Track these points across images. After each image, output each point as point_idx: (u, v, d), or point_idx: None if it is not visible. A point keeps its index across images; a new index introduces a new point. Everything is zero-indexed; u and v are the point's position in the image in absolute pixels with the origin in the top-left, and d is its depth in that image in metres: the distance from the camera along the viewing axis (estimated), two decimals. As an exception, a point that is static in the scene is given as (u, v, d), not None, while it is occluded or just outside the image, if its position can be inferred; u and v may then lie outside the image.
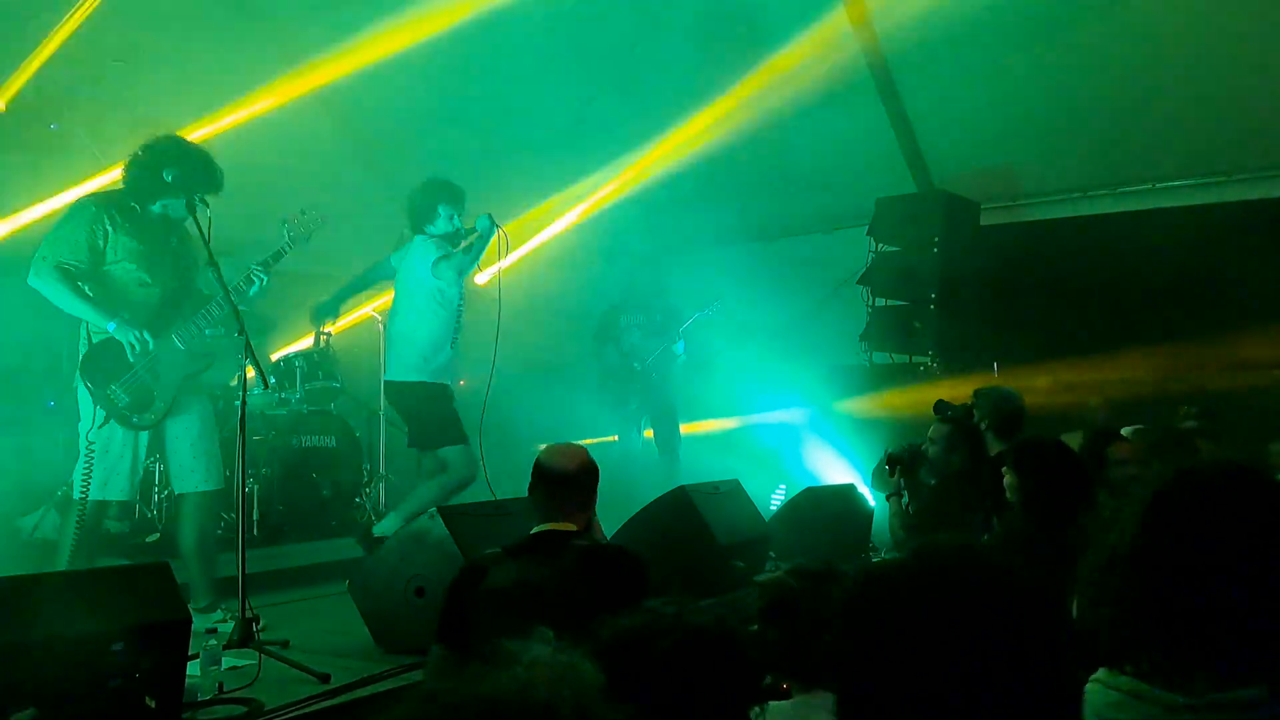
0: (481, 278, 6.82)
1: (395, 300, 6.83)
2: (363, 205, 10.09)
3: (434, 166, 10.85)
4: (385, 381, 6.83)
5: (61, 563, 5.18)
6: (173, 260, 5.51)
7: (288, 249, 5.72)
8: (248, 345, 4.98)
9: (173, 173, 5.31)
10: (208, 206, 5.32)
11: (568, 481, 3.80)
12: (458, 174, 10.67)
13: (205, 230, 5.20)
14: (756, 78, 8.82)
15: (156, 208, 5.42)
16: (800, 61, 8.58)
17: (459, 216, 6.67)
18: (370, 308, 9.49)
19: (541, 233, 10.91)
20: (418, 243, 6.70)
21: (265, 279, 5.54)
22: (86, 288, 5.28)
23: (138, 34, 8.79)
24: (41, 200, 7.57)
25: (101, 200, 5.43)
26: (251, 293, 5.53)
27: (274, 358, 8.57)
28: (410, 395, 6.62)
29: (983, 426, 5.94)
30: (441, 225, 6.67)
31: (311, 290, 9.64)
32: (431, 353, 6.61)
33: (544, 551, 3.64)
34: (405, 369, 6.60)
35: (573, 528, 3.73)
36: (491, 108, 10.05)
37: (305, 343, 8.85)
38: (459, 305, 6.74)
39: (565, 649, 1.24)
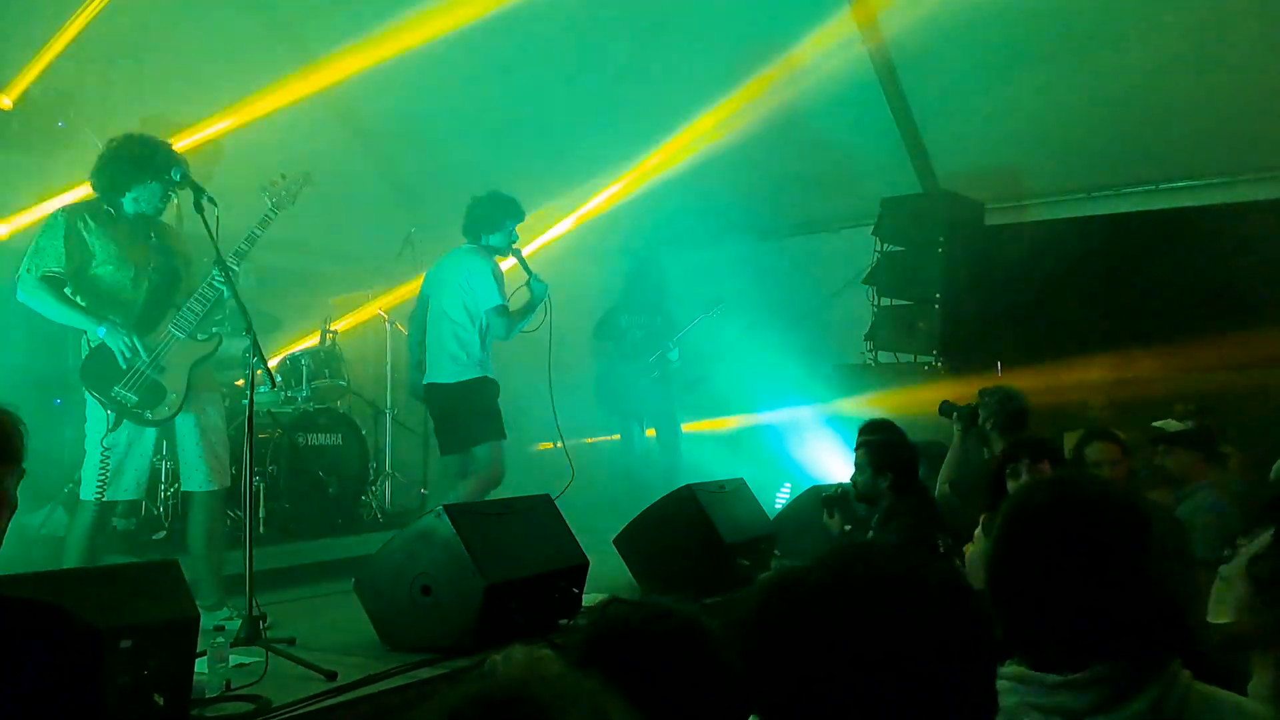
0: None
1: (433, 306, 7.07)
2: (369, 204, 10.12)
3: (440, 164, 10.96)
4: (425, 384, 7.07)
5: (70, 561, 5.21)
6: (154, 256, 5.52)
7: (273, 216, 5.71)
8: (255, 343, 4.99)
9: (180, 169, 5.36)
10: (215, 205, 5.34)
11: None
12: (461, 172, 10.75)
13: (214, 229, 5.23)
14: (763, 78, 8.83)
15: (129, 206, 5.44)
16: (807, 62, 8.59)
17: (515, 234, 7.10)
18: (378, 307, 9.54)
19: (547, 231, 10.93)
20: (467, 256, 7.02)
21: (237, 269, 5.50)
22: (77, 296, 5.33)
23: (146, 32, 8.81)
24: (48, 198, 7.56)
25: (73, 209, 5.45)
26: (238, 286, 5.47)
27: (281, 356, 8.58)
28: (443, 396, 6.92)
29: (987, 426, 5.95)
30: (500, 240, 7.02)
31: (315, 288, 9.69)
32: (466, 352, 6.88)
33: None
34: (439, 371, 6.91)
35: None
36: (497, 107, 10.06)
37: (310, 341, 8.85)
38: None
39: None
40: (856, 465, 5.49)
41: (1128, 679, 1.84)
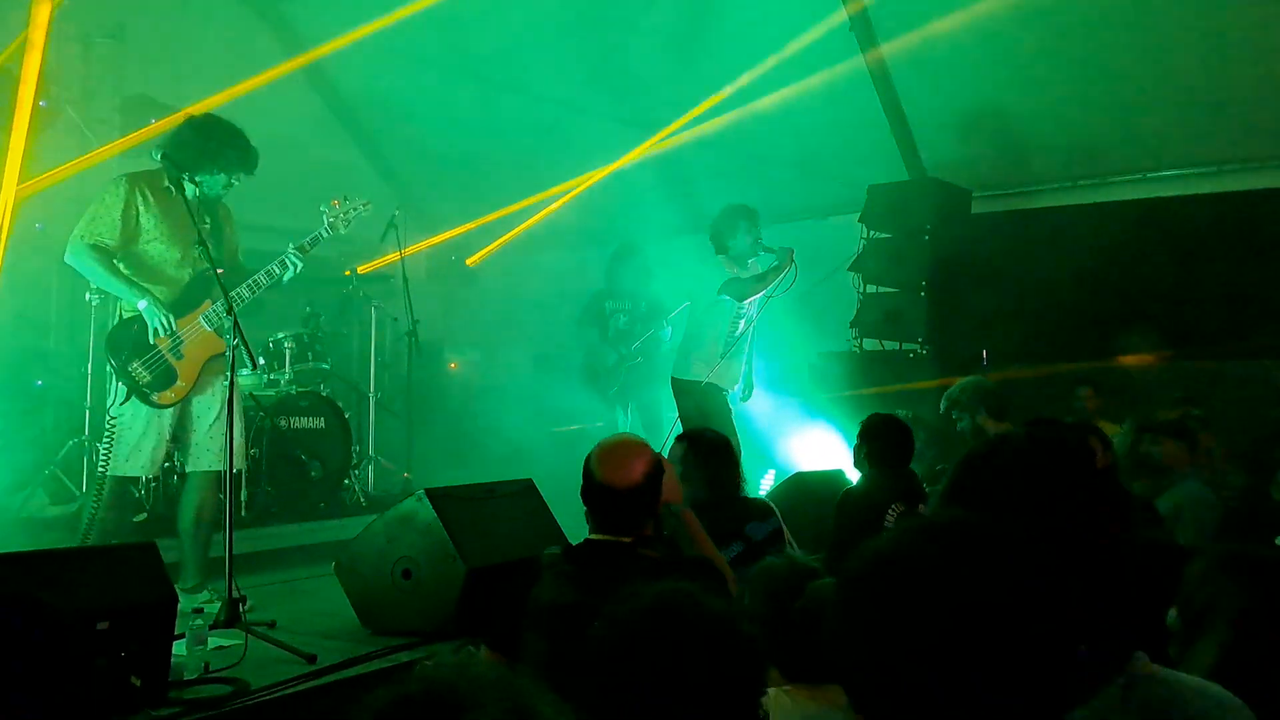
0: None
1: (690, 314, 7.93)
2: (353, 185, 10.05)
3: (423, 146, 10.92)
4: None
5: (79, 537, 5.27)
6: (205, 241, 5.50)
7: (325, 235, 5.73)
8: (236, 325, 4.97)
9: (160, 150, 5.31)
10: (197, 188, 5.37)
11: (617, 497, 3.35)
12: (449, 156, 10.72)
13: (194, 209, 5.24)
14: (752, 65, 8.81)
15: (190, 189, 5.42)
16: (796, 49, 8.57)
17: (757, 232, 7.58)
18: (362, 289, 9.50)
19: (532, 217, 10.91)
20: (714, 264, 7.65)
21: (300, 264, 5.57)
22: (121, 265, 5.35)
23: (126, 10, 8.75)
24: (30, 177, 7.49)
25: (136, 179, 5.45)
26: (286, 278, 5.57)
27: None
28: (677, 390, 7.72)
29: (979, 418, 5.94)
30: (741, 242, 7.54)
31: (303, 269, 9.63)
32: (703, 356, 7.57)
33: (609, 564, 3.27)
34: (679, 369, 7.73)
35: (627, 540, 3.35)
36: (483, 88, 10.02)
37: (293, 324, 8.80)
38: (736, 320, 7.61)
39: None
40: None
41: (1093, 670, 1.70)
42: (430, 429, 9.93)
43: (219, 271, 5.20)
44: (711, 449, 4.84)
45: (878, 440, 5.41)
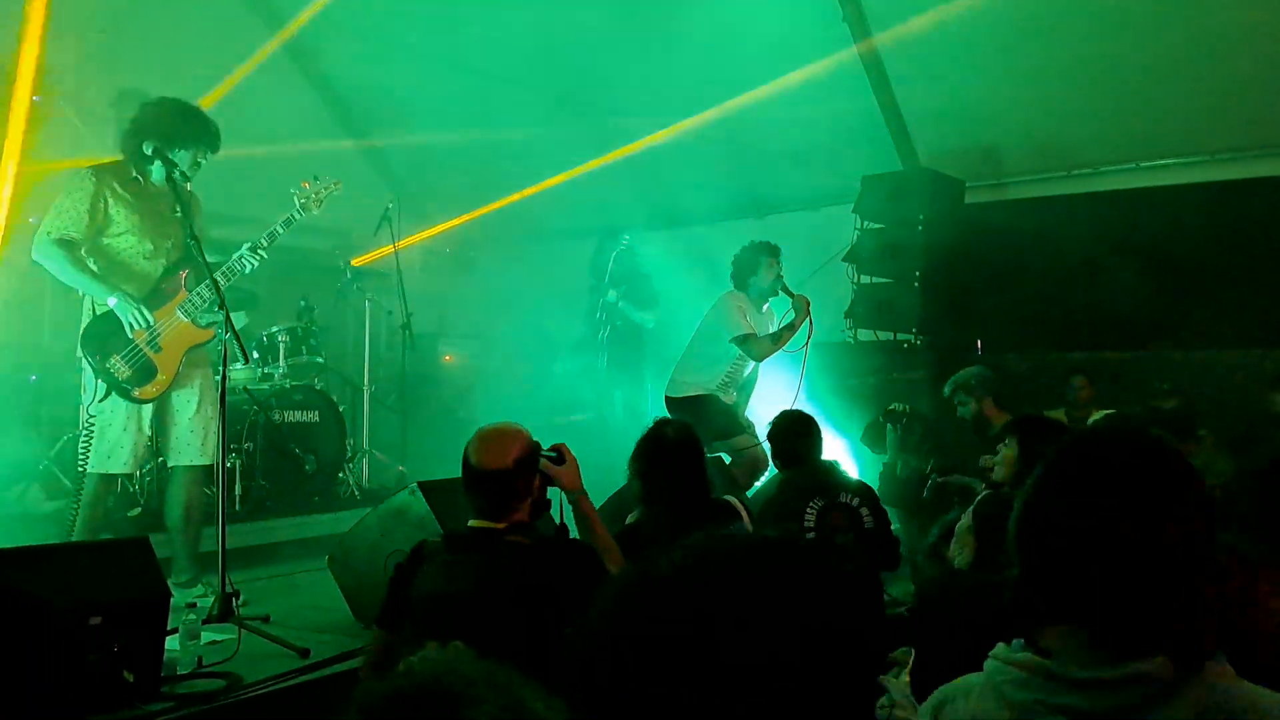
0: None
1: (693, 336, 7.58)
2: (346, 177, 10.04)
3: (418, 139, 10.91)
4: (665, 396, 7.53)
5: (77, 535, 5.24)
6: (176, 231, 5.46)
7: (297, 217, 5.71)
8: (228, 319, 4.97)
9: (152, 144, 5.29)
10: (189, 180, 5.36)
11: (486, 481, 3.35)
12: (443, 149, 10.70)
13: (188, 204, 5.23)
14: (745, 56, 8.80)
15: (158, 175, 5.39)
16: (788, 40, 8.56)
17: (779, 269, 7.43)
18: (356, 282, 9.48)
19: (527, 209, 10.88)
20: (719, 299, 7.46)
21: (256, 263, 5.54)
22: (90, 261, 5.30)
23: (120, 4, 8.73)
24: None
25: (101, 172, 5.40)
26: (246, 272, 5.56)
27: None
28: (674, 408, 7.24)
29: (985, 408, 5.95)
30: (763, 277, 7.38)
31: (292, 263, 9.63)
32: (696, 380, 7.32)
33: (477, 550, 3.31)
34: (674, 386, 7.43)
35: (499, 526, 3.32)
36: (478, 80, 10.00)
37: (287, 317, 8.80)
38: (743, 359, 7.37)
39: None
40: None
41: (1167, 678, 1.55)
42: (425, 422, 9.94)
43: (184, 273, 5.21)
44: (655, 449, 4.37)
45: (779, 438, 5.38)
